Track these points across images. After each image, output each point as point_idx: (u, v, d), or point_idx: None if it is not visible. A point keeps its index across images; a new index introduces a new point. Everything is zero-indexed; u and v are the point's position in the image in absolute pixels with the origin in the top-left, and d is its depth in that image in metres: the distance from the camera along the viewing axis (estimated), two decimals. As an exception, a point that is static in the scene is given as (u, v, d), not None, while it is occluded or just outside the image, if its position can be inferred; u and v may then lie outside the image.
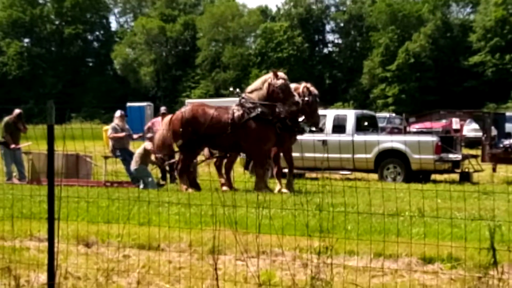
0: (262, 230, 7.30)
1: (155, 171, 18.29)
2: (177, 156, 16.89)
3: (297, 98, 15.48)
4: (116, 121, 18.70)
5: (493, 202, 11.19)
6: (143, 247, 8.15)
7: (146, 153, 17.02)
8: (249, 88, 16.45)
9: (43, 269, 6.94)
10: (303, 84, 16.40)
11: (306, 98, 15.90)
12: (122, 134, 18.42)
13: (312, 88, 16.29)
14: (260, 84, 16.04)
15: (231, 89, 21.05)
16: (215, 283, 6.40)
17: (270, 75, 15.99)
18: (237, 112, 15.77)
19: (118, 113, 18.98)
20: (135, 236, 8.38)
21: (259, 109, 15.55)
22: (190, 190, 15.53)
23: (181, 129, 15.97)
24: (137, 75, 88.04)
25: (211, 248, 7.13)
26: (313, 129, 20.01)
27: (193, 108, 16.54)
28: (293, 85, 16.28)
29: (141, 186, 16.55)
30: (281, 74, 15.92)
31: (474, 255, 6.98)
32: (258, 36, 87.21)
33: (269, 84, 15.66)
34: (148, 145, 17.10)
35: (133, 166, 17.02)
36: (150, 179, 16.81)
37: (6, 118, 19.22)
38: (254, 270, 6.61)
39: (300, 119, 16.65)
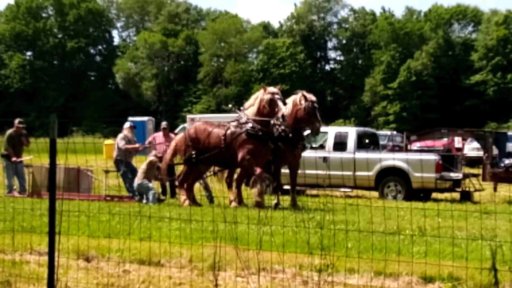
0: (263, 247, 7.29)
1: (155, 185, 18.28)
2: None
3: (282, 112, 15.32)
4: (125, 132, 18.42)
5: (495, 221, 11.16)
6: (143, 262, 8.13)
7: (149, 168, 16.99)
8: (246, 105, 16.58)
9: (42, 283, 6.93)
10: (300, 93, 16.29)
11: (303, 106, 15.80)
12: (135, 146, 18.30)
13: (309, 96, 16.05)
14: (253, 100, 16.21)
15: (229, 105, 21.03)
16: (215, 299, 6.38)
17: (261, 91, 16.04)
18: (232, 129, 15.93)
19: (127, 124, 18.83)
20: (136, 251, 8.36)
21: (249, 125, 15.63)
22: (187, 202, 15.76)
23: (184, 145, 16.38)
24: (139, 89, 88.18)
25: (212, 264, 7.12)
26: (314, 145, 20.06)
27: (196, 125, 17.07)
28: (292, 97, 16.29)
29: (144, 201, 16.55)
30: (270, 88, 15.86)
31: (475, 275, 6.96)
32: (260, 52, 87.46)
33: (260, 100, 15.77)
34: (153, 158, 17.11)
35: (137, 181, 17.01)
36: (151, 194, 16.76)
37: (9, 131, 19.17)
38: (255, 286, 6.59)
39: (305, 132, 16.57)
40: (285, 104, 15.66)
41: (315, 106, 15.96)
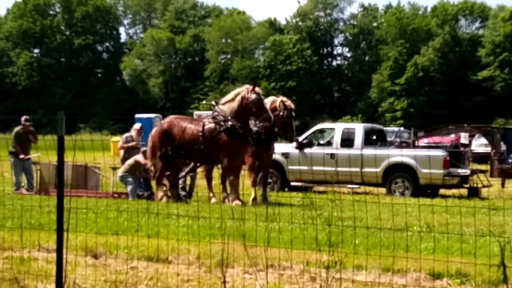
0: (271, 244, 7.28)
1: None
2: None
3: (269, 113, 15.27)
4: (131, 132, 18.69)
5: (503, 217, 11.14)
6: (151, 259, 8.14)
7: (136, 165, 17.09)
8: (223, 100, 16.33)
9: (51, 280, 6.94)
10: (280, 98, 16.40)
11: (281, 113, 15.87)
12: (130, 144, 18.43)
13: (288, 103, 16.22)
14: (233, 96, 15.83)
15: (204, 101, 21.03)
16: (223, 296, 6.38)
17: (244, 88, 15.72)
18: (208, 125, 15.70)
19: (137, 125, 19.07)
20: (143, 248, 8.36)
21: (229, 123, 15.40)
22: (164, 199, 15.67)
23: (159, 140, 16.20)
24: (146, 86, 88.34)
25: (219, 261, 7.12)
26: (321, 141, 20.18)
27: (169, 120, 16.64)
28: (270, 98, 16.40)
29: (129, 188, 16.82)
30: (256, 89, 15.62)
31: (483, 271, 6.94)
32: (267, 49, 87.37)
33: (242, 98, 15.44)
34: (139, 157, 17.12)
35: (120, 173, 17.17)
36: (130, 188, 16.89)
37: (17, 128, 19.22)
38: (262, 283, 6.59)
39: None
40: None
41: (293, 115, 16.24)
